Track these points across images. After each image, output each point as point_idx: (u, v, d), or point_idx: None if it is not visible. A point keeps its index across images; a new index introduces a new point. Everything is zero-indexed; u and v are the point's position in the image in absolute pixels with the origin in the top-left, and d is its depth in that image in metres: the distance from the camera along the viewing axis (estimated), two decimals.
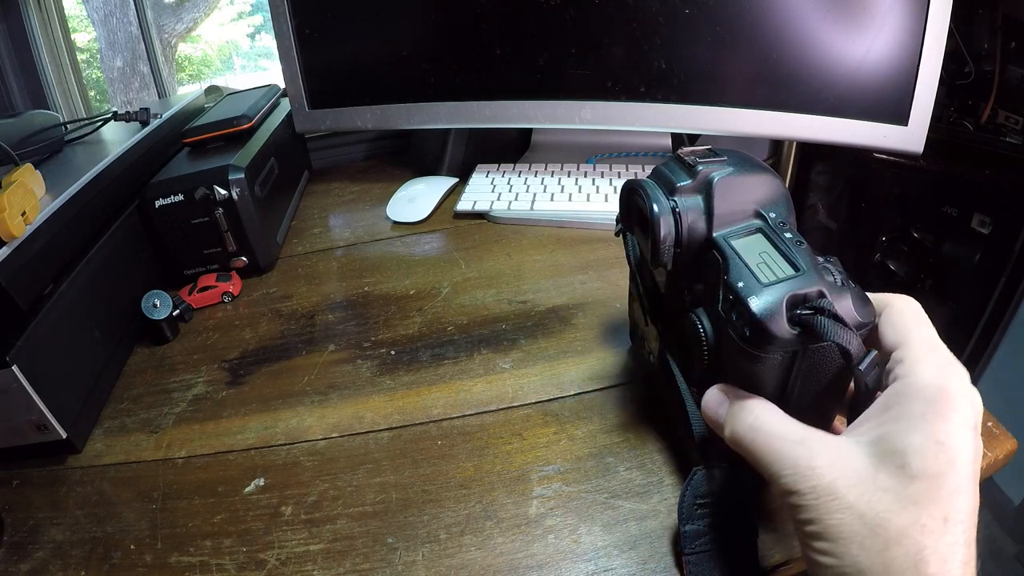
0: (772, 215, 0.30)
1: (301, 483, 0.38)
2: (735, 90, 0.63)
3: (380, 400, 0.44)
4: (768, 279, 0.26)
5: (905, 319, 0.26)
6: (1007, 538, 1.13)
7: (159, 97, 1.21)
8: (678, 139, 0.81)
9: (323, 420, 0.43)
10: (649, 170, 0.73)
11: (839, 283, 0.26)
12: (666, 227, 0.30)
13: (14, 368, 0.37)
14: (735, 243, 0.28)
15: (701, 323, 0.29)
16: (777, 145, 1.00)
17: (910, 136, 0.58)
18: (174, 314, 0.54)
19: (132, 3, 1.16)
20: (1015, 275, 0.92)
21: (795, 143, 0.97)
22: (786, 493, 0.24)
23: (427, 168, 0.80)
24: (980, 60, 0.89)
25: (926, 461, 0.21)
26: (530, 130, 0.81)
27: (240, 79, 1.58)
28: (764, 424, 0.25)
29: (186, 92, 0.89)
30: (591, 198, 0.67)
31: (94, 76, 1.25)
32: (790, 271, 0.26)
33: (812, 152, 1.05)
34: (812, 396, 0.28)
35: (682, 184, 0.30)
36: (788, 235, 0.28)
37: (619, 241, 0.39)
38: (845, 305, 0.25)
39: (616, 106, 0.66)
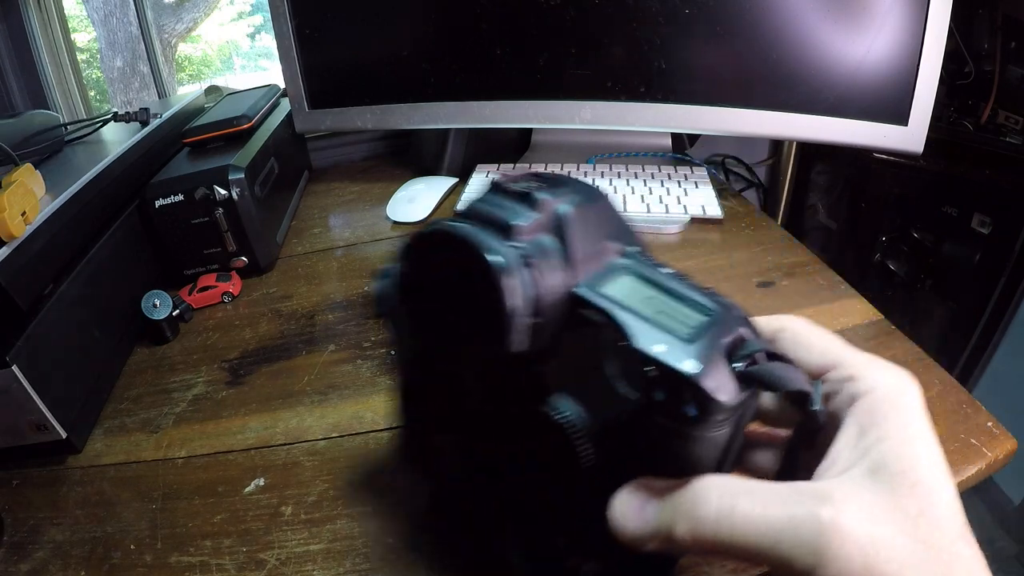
0: (631, 248, 0.23)
1: (301, 483, 0.38)
2: (735, 90, 0.63)
3: (380, 400, 0.44)
4: (686, 333, 0.19)
5: (815, 338, 0.24)
6: (1007, 538, 1.13)
7: (159, 97, 1.21)
8: (678, 139, 0.81)
9: (323, 420, 0.43)
10: (648, 170, 0.74)
11: (740, 314, 0.21)
12: (518, 289, 0.20)
13: (14, 368, 0.37)
14: (609, 294, 0.21)
15: (569, 419, 0.21)
16: (777, 145, 1.00)
17: (910, 136, 0.58)
18: (174, 314, 0.54)
19: (132, 3, 1.16)
20: (1015, 275, 0.92)
21: (795, 143, 0.97)
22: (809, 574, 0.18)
23: (427, 168, 0.80)
24: (980, 60, 0.89)
25: (931, 470, 0.20)
26: (530, 130, 0.81)
27: (240, 79, 1.58)
28: (736, 505, 0.19)
29: (186, 92, 0.89)
30: None
31: (94, 76, 1.25)
32: (698, 315, 0.20)
33: (812, 152, 1.05)
34: (741, 450, 0.22)
35: (523, 222, 0.21)
36: (663, 269, 0.22)
37: None
38: (762, 340, 0.21)
39: (616, 106, 0.66)
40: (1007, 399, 1.00)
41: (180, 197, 0.57)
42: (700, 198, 0.66)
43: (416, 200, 0.71)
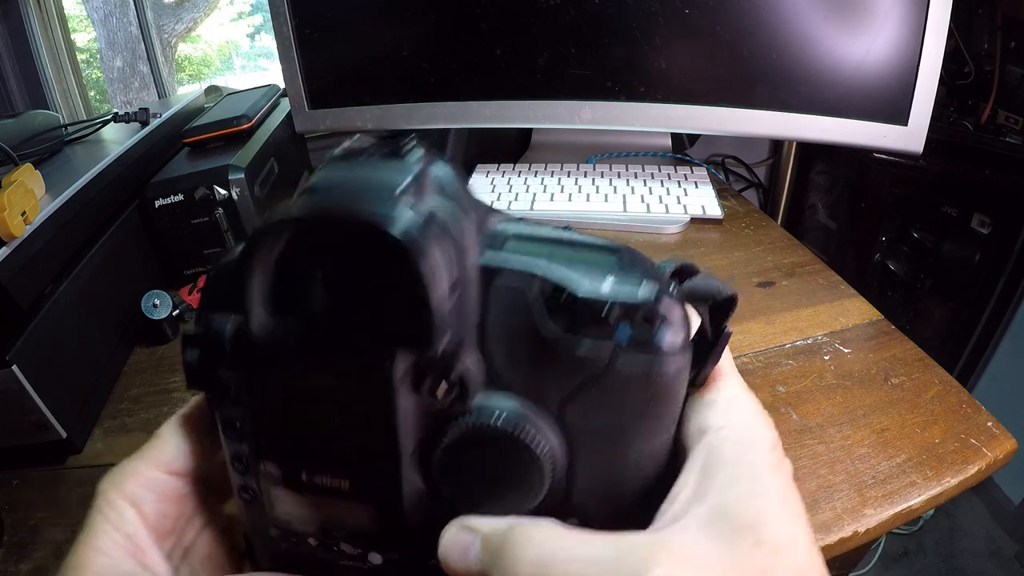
0: (498, 212, 0.19)
1: None
2: (735, 90, 0.63)
3: None
4: (613, 270, 0.17)
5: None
6: (1007, 538, 1.13)
7: (159, 97, 1.21)
8: (678, 139, 0.81)
9: None
10: (648, 170, 0.74)
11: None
12: (439, 259, 0.15)
13: (14, 368, 0.37)
14: (516, 257, 0.17)
15: (520, 426, 0.17)
16: (777, 145, 1.00)
17: (910, 136, 0.58)
18: (174, 314, 0.54)
19: (132, 3, 1.16)
20: (1015, 275, 0.92)
21: (795, 143, 0.97)
22: None
23: None
24: (980, 60, 0.89)
25: (780, 525, 0.17)
26: (530, 130, 0.81)
27: (240, 79, 1.58)
28: (558, 550, 0.16)
29: (186, 92, 0.89)
30: (591, 198, 0.67)
31: (94, 76, 1.25)
32: (610, 256, 0.17)
33: (812, 152, 1.05)
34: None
35: (408, 181, 0.16)
36: (545, 228, 0.18)
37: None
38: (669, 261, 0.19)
39: (616, 106, 0.66)
40: (1007, 399, 1.00)
41: (180, 197, 0.57)
42: (700, 198, 0.66)
43: None
